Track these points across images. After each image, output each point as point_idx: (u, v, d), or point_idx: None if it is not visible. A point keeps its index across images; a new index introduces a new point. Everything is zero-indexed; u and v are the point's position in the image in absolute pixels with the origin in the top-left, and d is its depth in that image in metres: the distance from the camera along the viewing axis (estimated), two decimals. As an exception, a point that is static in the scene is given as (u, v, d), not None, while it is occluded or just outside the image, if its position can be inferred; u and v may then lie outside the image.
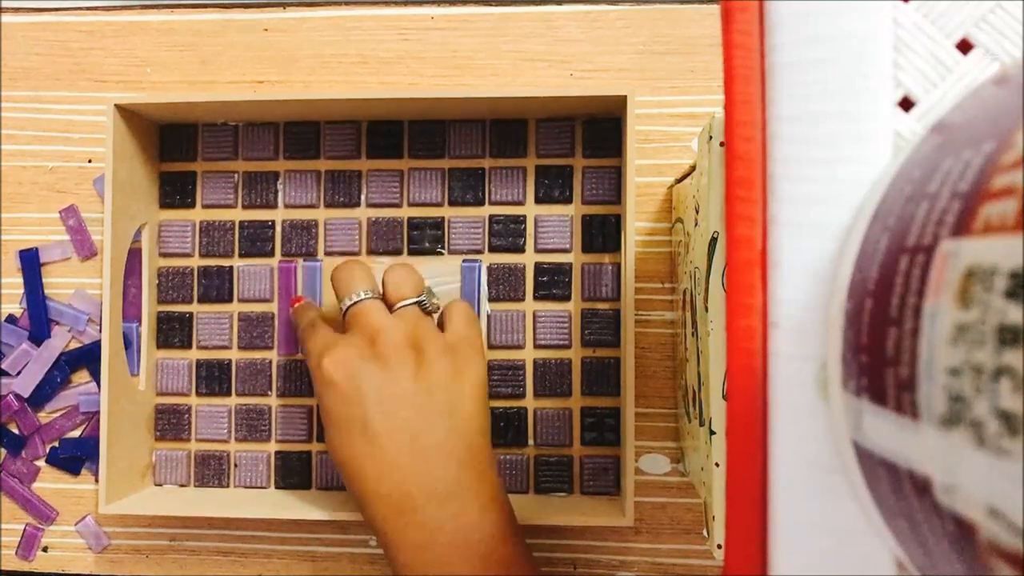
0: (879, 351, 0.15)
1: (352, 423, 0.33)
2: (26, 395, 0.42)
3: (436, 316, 0.38)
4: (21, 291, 0.43)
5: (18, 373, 0.42)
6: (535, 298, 0.41)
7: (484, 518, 0.32)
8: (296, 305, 0.39)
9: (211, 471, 0.42)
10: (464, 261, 0.41)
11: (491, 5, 0.42)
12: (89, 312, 0.43)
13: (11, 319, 0.43)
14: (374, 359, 0.33)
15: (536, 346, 0.41)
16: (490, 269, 0.41)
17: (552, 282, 0.41)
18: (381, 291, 0.37)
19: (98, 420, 0.38)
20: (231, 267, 0.42)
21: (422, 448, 0.32)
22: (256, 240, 0.42)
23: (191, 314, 0.42)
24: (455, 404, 0.34)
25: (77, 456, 0.42)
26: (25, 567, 0.42)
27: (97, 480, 0.42)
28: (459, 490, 0.32)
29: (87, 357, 0.42)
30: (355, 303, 0.35)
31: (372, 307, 0.35)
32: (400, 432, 0.33)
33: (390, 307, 0.36)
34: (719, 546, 0.27)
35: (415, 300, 0.36)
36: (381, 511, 0.32)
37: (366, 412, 0.33)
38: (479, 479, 0.33)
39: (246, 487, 0.41)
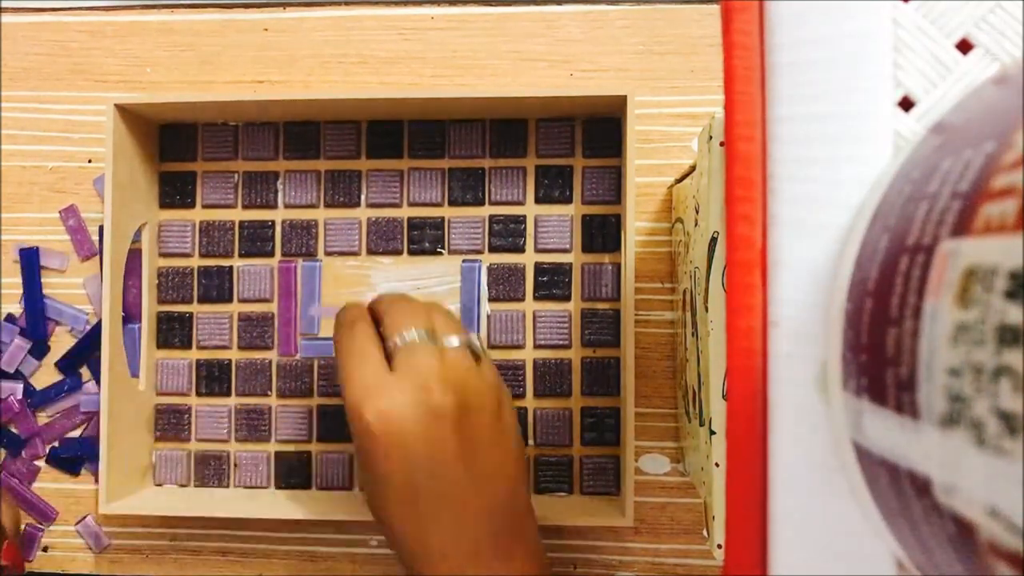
0: (879, 351, 0.15)
1: (391, 479, 0.31)
2: (10, 371, 0.42)
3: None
4: (21, 291, 0.43)
5: (17, 372, 0.42)
6: (535, 298, 0.41)
7: (516, 573, 0.31)
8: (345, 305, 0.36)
9: (211, 471, 0.42)
10: (464, 261, 0.41)
11: (491, 5, 0.42)
12: (89, 312, 0.43)
13: (10, 318, 0.43)
14: (426, 417, 0.30)
15: (536, 346, 0.41)
16: (490, 269, 0.41)
17: (552, 282, 0.41)
18: (432, 330, 0.33)
19: (98, 420, 0.38)
20: (231, 267, 0.42)
21: (462, 512, 0.31)
22: (256, 240, 0.42)
23: (191, 314, 0.42)
24: (499, 463, 0.32)
25: (77, 456, 0.42)
26: (25, 567, 0.42)
27: (97, 480, 0.42)
28: (495, 551, 0.31)
29: (83, 353, 0.42)
30: (408, 343, 0.32)
31: (428, 352, 0.32)
32: (441, 496, 0.31)
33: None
34: (719, 546, 0.27)
35: (460, 342, 0.33)
36: (415, 565, 0.31)
37: (408, 472, 0.30)
38: (516, 538, 0.32)
39: (246, 487, 0.41)
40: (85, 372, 0.43)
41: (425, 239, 0.41)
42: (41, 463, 0.43)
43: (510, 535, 0.32)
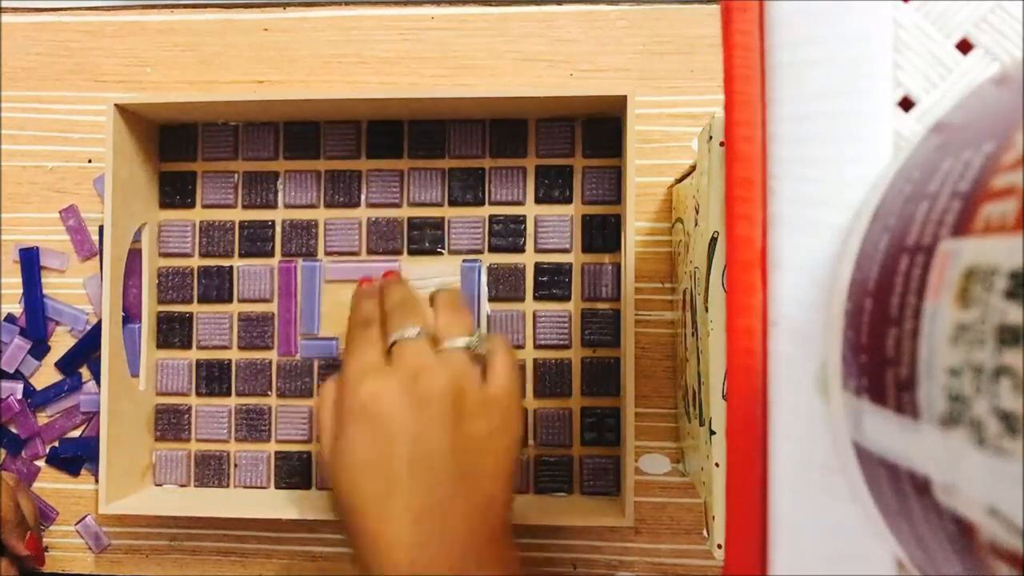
0: (879, 351, 0.15)
1: (374, 464, 0.31)
2: (10, 371, 0.42)
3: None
4: (21, 291, 0.43)
5: (17, 372, 0.42)
6: (535, 298, 0.41)
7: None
8: (363, 287, 0.37)
9: (211, 471, 0.42)
10: (464, 261, 0.41)
11: (491, 5, 0.42)
12: (89, 312, 0.43)
13: (11, 318, 0.43)
14: (413, 404, 0.31)
15: (536, 346, 0.41)
16: (490, 269, 0.41)
17: (552, 282, 0.41)
18: (432, 326, 0.34)
19: (98, 420, 0.38)
20: (231, 267, 0.42)
21: (439, 514, 0.30)
22: (256, 240, 0.42)
23: (191, 314, 0.42)
24: (483, 471, 0.32)
25: (77, 456, 0.42)
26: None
27: (97, 480, 0.42)
28: (465, 564, 0.30)
29: (83, 353, 0.42)
30: (404, 339, 0.33)
31: (421, 348, 0.32)
32: (421, 488, 0.30)
33: (437, 343, 0.33)
34: (719, 546, 0.27)
35: (464, 344, 0.33)
36: (374, 563, 0.31)
37: (393, 459, 0.30)
38: (490, 557, 0.31)
39: (246, 487, 0.41)
40: (85, 372, 0.43)
41: (425, 239, 0.41)
42: (41, 463, 0.43)
43: (484, 554, 0.31)
